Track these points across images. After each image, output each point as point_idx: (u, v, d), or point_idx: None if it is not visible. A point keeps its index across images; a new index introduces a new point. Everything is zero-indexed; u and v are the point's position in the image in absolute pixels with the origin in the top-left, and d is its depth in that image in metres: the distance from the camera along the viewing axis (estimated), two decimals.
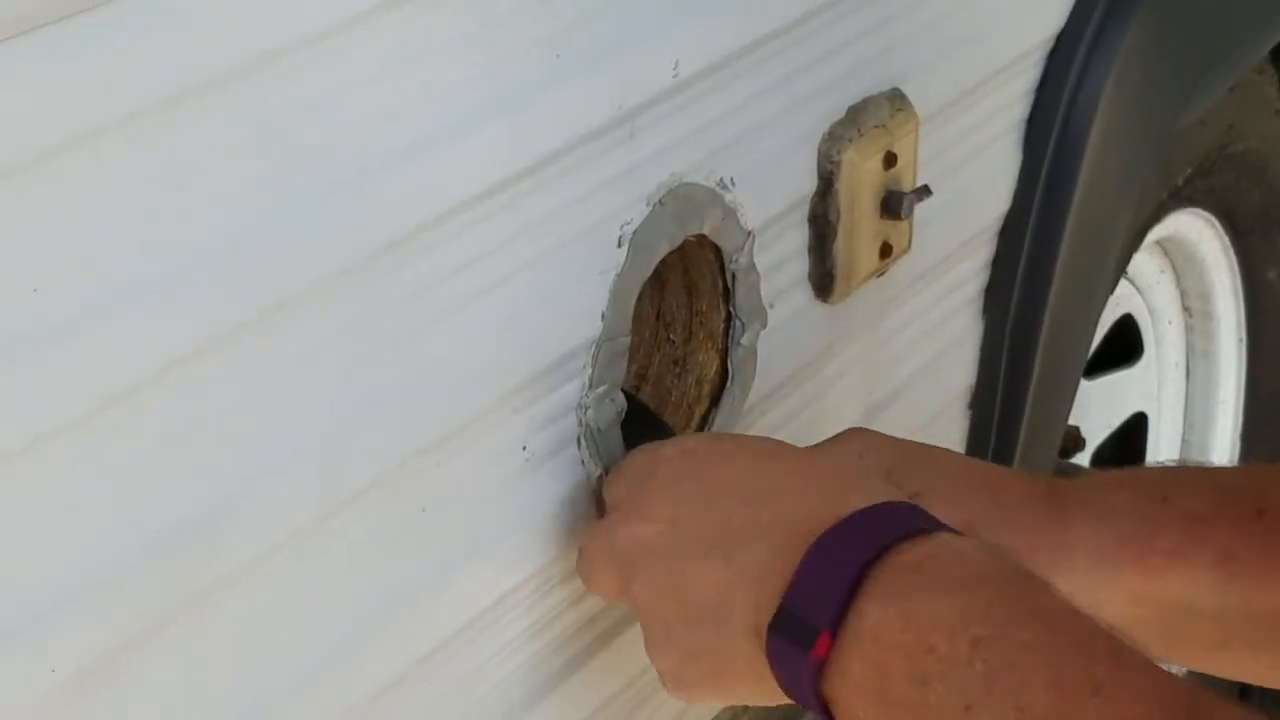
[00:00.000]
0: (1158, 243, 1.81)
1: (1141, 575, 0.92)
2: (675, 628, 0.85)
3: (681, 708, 1.10)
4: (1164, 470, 0.98)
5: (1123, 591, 0.92)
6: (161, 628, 0.74)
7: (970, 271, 1.29)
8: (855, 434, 1.00)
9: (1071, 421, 1.69)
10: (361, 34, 0.76)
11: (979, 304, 1.32)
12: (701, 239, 1.00)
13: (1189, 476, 0.98)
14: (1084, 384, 1.77)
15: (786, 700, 0.82)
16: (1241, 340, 1.94)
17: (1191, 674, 1.02)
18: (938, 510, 0.80)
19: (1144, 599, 0.92)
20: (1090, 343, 1.51)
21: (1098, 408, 1.86)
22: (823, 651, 0.75)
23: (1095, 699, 0.67)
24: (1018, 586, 0.74)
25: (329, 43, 0.75)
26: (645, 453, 0.92)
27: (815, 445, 0.98)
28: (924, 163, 1.14)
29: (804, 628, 0.76)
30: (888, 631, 0.73)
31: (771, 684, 0.80)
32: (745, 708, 1.17)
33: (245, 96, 0.72)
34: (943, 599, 0.73)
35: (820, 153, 1.07)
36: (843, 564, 0.76)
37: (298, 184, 0.75)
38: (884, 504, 0.80)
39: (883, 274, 1.15)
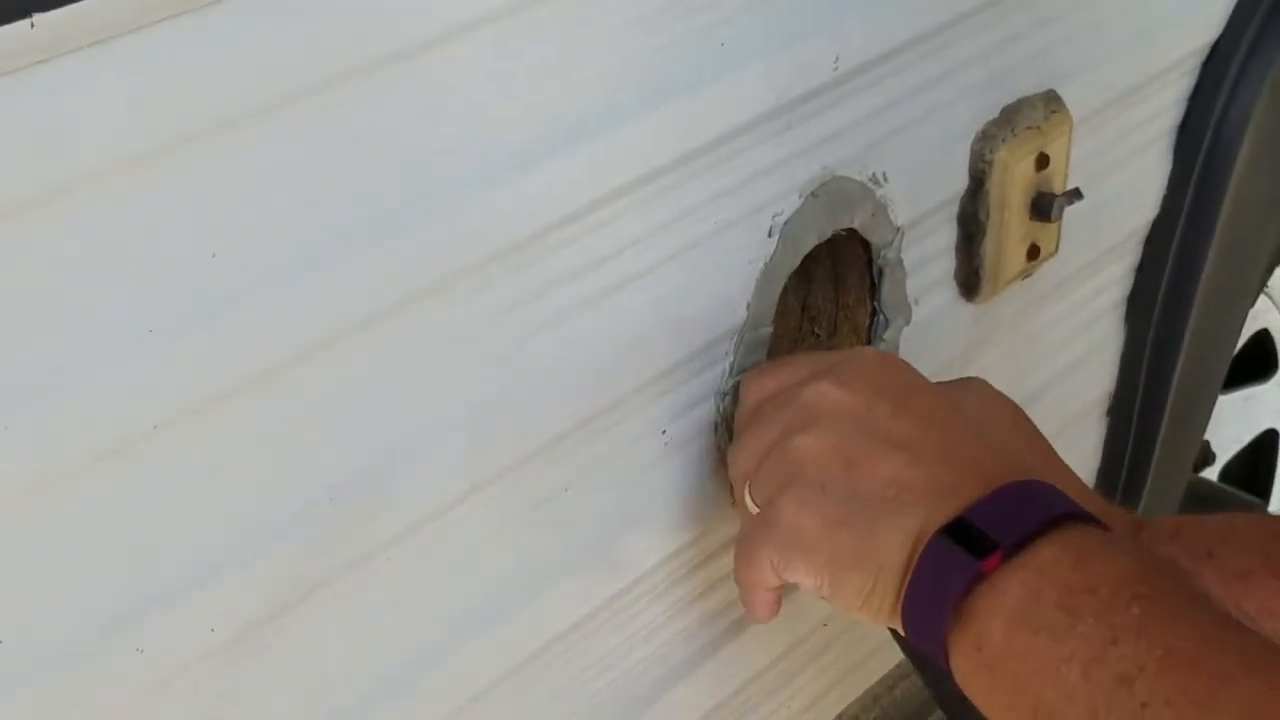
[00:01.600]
0: None
1: None
2: (833, 493, 0.84)
3: (810, 700, 1.10)
4: (1225, 520, 0.97)
5: None
6: (315, 592, 0.75)
7: (1115, 277, 1.29)
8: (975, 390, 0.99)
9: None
10: (529, 19, 0.77)
11: (1122, 311, 1.31)
12: (851, 233, 1.00)
13: (1245, 528, 0.96)
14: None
15: (862, 617, 0.83)
16: None
17: None
18: None
19: None
20: (1230, 355, 1.49)
21: (1229, 423, 1.84)
22: (991, 566, 0.77)
23: (1241, 656, 0.70)
24: (1179, 573, 0.78)
25: (497, 26, 0.76)
26: (829, 353, 0.95)
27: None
28: (1075, 166, 1.13)
29: (982, 539, 0.78)
30: (1058, 567, 0.76)
31: (877, 593, 0.82)
32: (874, 701, 1.17)
33: (417, 77, 0.73)
34: (1118, 558, 0.76)
35: (973, 151, 1.07)
36: (1041, 506, 0.79)
37: (457, 165, 0.76)
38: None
39: (1029, 276, 1.14)
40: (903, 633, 0.82)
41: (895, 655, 1.16)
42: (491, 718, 0.87)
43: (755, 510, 0.88)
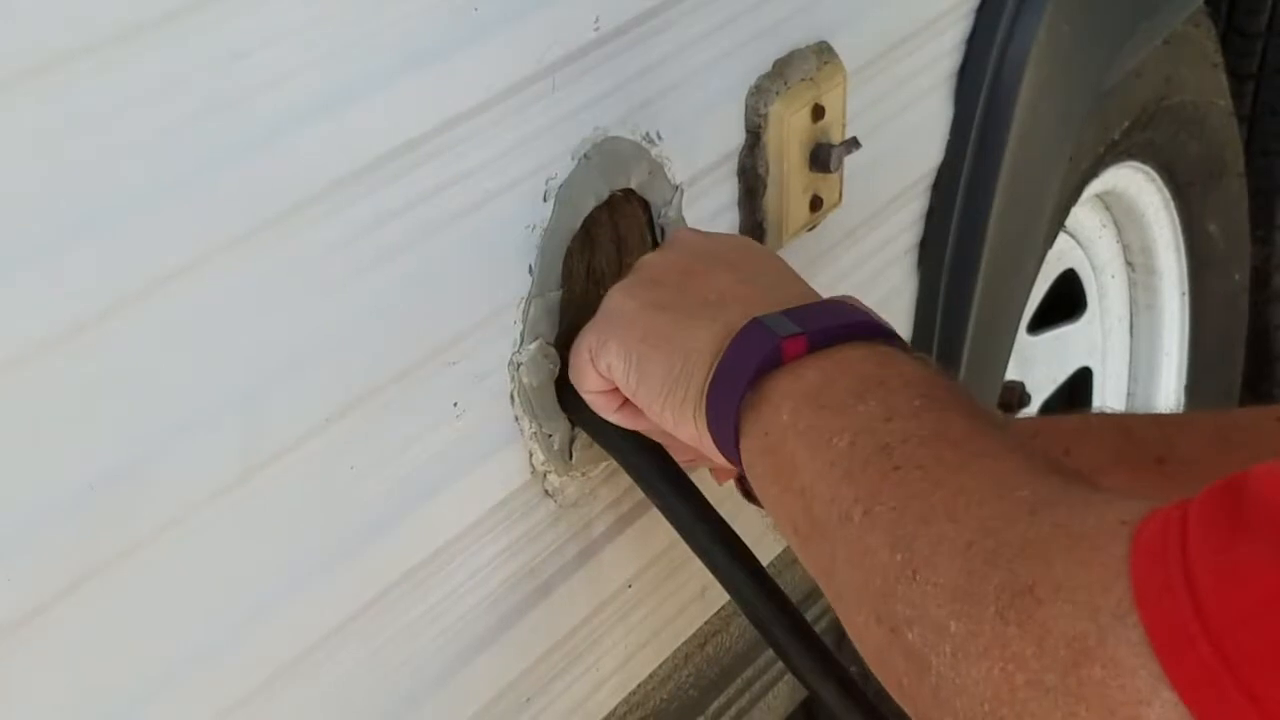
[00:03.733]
0: (1098, 197, 1.82)
1: None
2: (662, 288, 0.91)
3: (619, 661, 1.11)
4: (1081, 419, 1.02)
5: None
6: (79, 586, 0.74)
7: (903, 225, 1.30)
8: None
9: (1017, 377, 1.70)
10: None
11: (913, 258, 1.33)
12: (629, 193, 1.01)
13: (1100, 426, 1.02)
14: (1028, 339, 1.78)
15: (663, 415, 0.88)
16: (1184, 294, 1.96)
17: None
18: None
19: None
20: (1027, 296, 1.51)
21: (1042, 363, 1.87)
22: (793, 348, 0.82)
23: (1002, 445, 0.75)
24: (970, 393, 0.82)
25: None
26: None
27: None
28: (853, 116, 1.14)
29: (791, 330, 0.83)
30: (859, 363, 0.81)
31: (683, 379, 0.86)
32: (686, 660, 1.18)
33: (170, 45, 0.72)
34: (919, 365, 0.82)
35: (747, 106, 1.08)
36: (857, 315, 0.85)
37: (217, 135, 0.75)
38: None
39: (814, 227, 1.15)
40: (705, 423, 0.86)
41: (704, 613, 1.17)
42: (286, 701, 0.86)
43: None
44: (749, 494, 0.85)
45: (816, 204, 1.13)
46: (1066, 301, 1.89)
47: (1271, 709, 0.60)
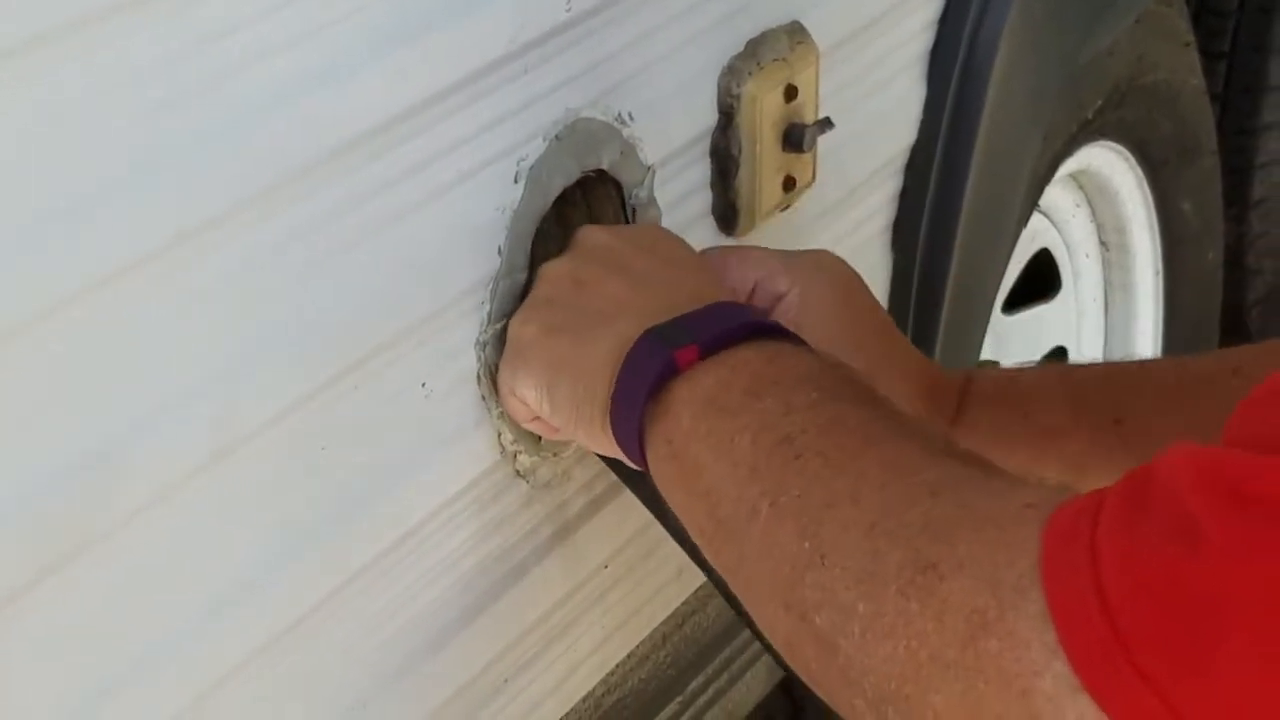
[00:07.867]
0: (1071, 176, 1.82)
1: None
2: (557, 307, 0.92)
3: (596, 642, 1.11)
4: (1037, 379, 1.03)
5: None
6: (56, 570, 0.73)
7: (877, 205, 1.30)
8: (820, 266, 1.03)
9: (992, 357, 1.70)
10: None
11: (887, 238, 1.33)
12: (601, 174, 1.00)
13: (1056, 384, 1.02)
14: (1004, 319, 1.79)
15: (579, 435, 0.90)
16: (1158, 272, 1.96)
17: None
18: None
19: None
20: (1001, 276, 1.51)
21: (1018, 343, 1.87)
22: (686, 358, 0.83)
23: (898, 430, 0.77)
24: (861, 378, 0.83)
25: None
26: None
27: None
28: (826, 96, 1.14)
29: (683, 338, 0.84)
30: (753, 363, 0.82)
31: (587, 399, 0.87)
32: (664, 640, 1.18)
33: (142, 28, 0.72)
34: (808, 360, 0.83)
35: (720, 87, 1.08)
36: (744, 317, 0.85)
37: (188, 120, 0.75)
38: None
39: (788, 208, 1.15)
40: (612, 435, 0.86)
41: (681, 593, 1.17)
42: (260, 685, 0.86)
43: None
44: None
45: (790, 184, 1.13)
46: (1041, 281, 1.89)
47: (1156, 681, 0.61)
